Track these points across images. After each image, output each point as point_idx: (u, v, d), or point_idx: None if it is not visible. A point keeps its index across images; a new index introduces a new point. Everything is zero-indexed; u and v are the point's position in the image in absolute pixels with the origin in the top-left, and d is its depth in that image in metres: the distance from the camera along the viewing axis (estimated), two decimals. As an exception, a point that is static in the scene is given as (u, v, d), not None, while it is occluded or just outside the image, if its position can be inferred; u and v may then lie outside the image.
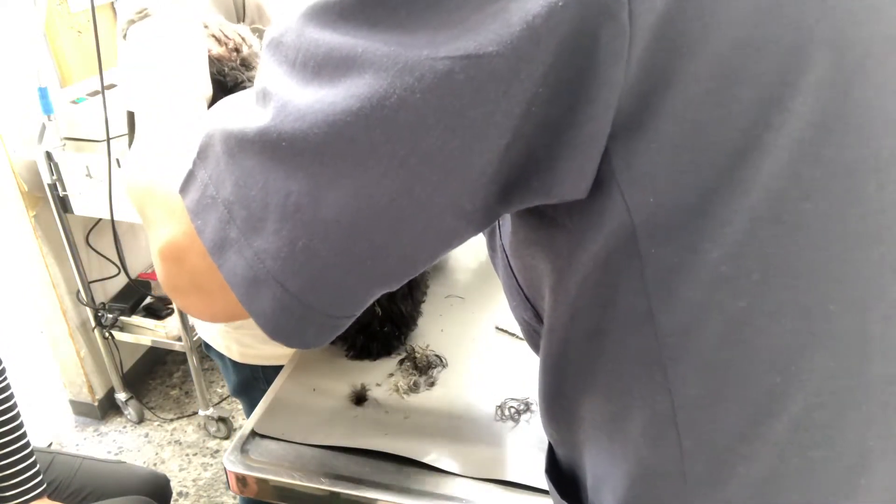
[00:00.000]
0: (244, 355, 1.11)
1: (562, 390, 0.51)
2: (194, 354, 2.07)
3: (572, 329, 0.45)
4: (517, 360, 0.95)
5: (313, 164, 0.36)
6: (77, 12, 2.01)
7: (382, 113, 0.34)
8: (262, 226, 0.37)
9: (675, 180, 0.36)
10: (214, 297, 0.43)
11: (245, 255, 0.38)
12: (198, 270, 0.42)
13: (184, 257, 0.42)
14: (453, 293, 1.13)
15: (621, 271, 0.40)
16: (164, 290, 0.46)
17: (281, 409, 0.89)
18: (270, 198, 0.37)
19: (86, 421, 2.31)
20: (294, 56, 0.36)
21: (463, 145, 0.35)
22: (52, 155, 1.83)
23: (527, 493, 0.77)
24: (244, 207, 0.37)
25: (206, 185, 0.39)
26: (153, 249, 0.45)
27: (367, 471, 0.80)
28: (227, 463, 0.82)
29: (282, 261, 0.37)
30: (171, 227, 0.43)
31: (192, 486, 2.07)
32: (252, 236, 0.38)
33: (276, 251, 0.37)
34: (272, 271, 0.37)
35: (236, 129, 0.38)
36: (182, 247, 0.42)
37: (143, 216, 0.47)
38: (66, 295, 2.13)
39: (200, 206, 0.39)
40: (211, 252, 0.39)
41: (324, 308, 0.40)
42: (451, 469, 0.79)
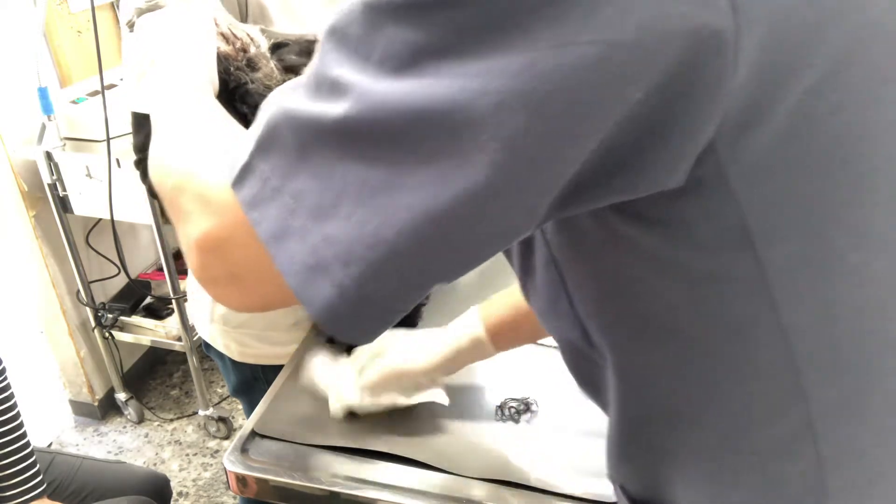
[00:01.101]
0: (244, 354, 1.11)
1: (646, 420, 0.50)
2: (194, 354, 2.07)
3: (665, 346, 0.45)
4: (517, 361, 0.95)
5: (396, 154, 0.36)
6: (77, 12, 2.01)
7: (477, 105, 0.34)
8: (332, 213, 0.37)
9: (791, 171, 0.37)
10: (252, 287, 0.44)
11: (308, 241, 0.38)
12: (238, 261, 0.43)
13: (225, 248, 0.43)
14: (454, 294, 1.13)
15: (734, 272, 0.40)
16: (198, 280, 0.47)
17: (281, 409, 0.89)
18: (346, 186, 0.37)
19: (86, 421, 2.31)
20: (368, 49, 0.36)
21: (558, 142, 0.35)
22: (52, 155, 1.83)
23: (527, 493, 0.77)
24: (315, 196, 0.38)
25: (267, 177, 0.39)
26: (187, 241, 0.45)
27: (367, 471, 0.80)
28: (227, 463, 0.82)
29: (349, 246, 0.37)
30: (209, 218, 0.43)
31: (192, 486, 2.07)
32: (320, 223, 0.38)
33: (345, 237, 0.37)
34: (337, 257, 0.38)
35: (309, 120, 0.38)
36: (223, 238, 0.43)
37: (175, 208, 0.48)
38: (66, 295, 2.13)
39: (259, 198, 0.40)
40: (267, 242, 0.39)
41: (380, 299, 0.40)
42: (452, 469, 0.79)
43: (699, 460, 0.49)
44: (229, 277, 0.44)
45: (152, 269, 2.36)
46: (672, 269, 0.42)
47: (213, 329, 1.11)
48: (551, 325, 0.56)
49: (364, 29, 0.37)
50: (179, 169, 0.48)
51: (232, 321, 1.09)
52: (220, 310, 1.09)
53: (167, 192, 0.49)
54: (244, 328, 1.09)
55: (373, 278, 0.38)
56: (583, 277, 0.49)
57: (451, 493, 0.77)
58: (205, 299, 1.10)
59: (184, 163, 0.49)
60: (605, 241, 0.44)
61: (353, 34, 0.37)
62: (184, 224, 0.46)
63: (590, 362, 0.53)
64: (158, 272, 2.27)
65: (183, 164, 0.48)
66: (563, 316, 0.52)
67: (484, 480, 0.78)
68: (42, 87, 1.76)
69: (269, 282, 0.41)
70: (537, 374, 0.93)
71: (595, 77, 0.33)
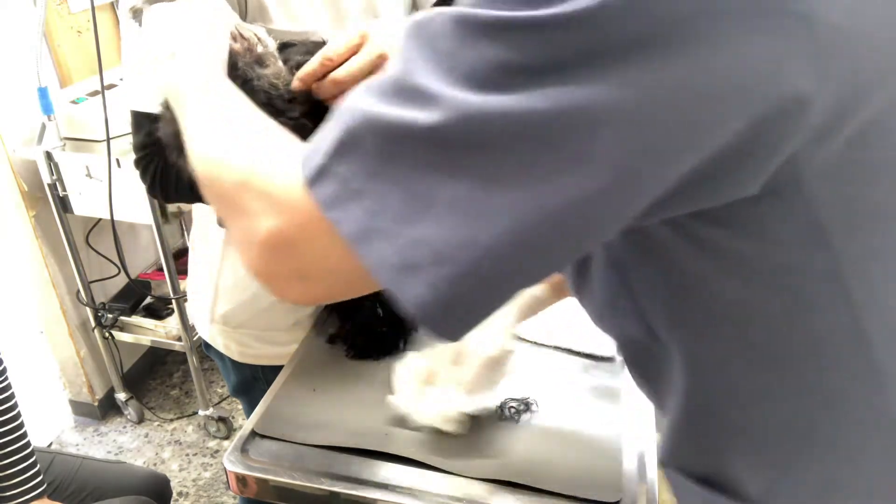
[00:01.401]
0: (244, 355, 1.11)
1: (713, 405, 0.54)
2: (194, 354, 2.07)
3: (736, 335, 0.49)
4: (517, 361, 0.95)
5: (491, 163, 0.38)
6: (77, 12, 2.01)
7: (580, 122, 0.36)
8: (421, 217, 0.39)
9: (862, 173, 0.41)
10: (319, 283, 0.45)
11: (397, 243, 0.40)
12: (308, 259, 0.44)
13: (295, 246, 0.44)
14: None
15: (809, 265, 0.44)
16: (255, 275, 0.47)
17: (281, 409, 0.89)
18: (435, 192, 0.39)
19: (86, 421, 2.31)
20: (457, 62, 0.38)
21: (659, 163, 0.38)
22: (52, 155, 1.83)
23: (527, 493, 0.77)
24: (401, 200, 0.39)
25: (347, 179, 0.41)
26: (248, 237, 0.46)
27: (367, 471, 0.80)
28: (227, 463, 0.82)
29: (441, 248, 0.39)
30: (279, 216, 0.44)
31: (192, 486, 2.07)
32: (408, 226, 0.39)
33: (436, 240, 0.39)
34: (430, 259, 0.39)
35: (394, 126, 0.39)
36: (294, 236, 0.44)
37: (233, 205, 0.48)
38: (66, 295, 2.13)
39: (339, 198, 0.41)
40: (352, 242, 0.41)
41: (471, 299, 0.41)
42: (452, 469, 0.79)
43: (765, 440, 0.53)
44: (295, 274, 0.46)
45: (152, 269, 2.36)
46: (745, 265, 0.46)
47: (214, 329, 1.11)
48: (609, 323, 0.59)
49: (454, 42, 0.38)
50: (240, 165, 0.48)
51: (232, 321, 1.09)
52: (220, 310, 1.09)
53: (224, 187, 0.49)
54: (244, 328, 1.09)
55: (464, 279, 0.40)
56: (650, 277, 0.52)
57: (451, 493, 0.77)
58: (205, 299, 1.10)
59: (243, 159, 0.49)
60: (677, 242, 0.47)
61: (442, 46, 0.39)
62: (244, 220, 0.47)
63: (652, 356, 0.56)
64: (158, 272, 2.27)
65: (242, 161, 0.49)
66: (625, 314, 0.55)
67: (484, 480, 0.78)
68: (42, 87, 1.76)
69: (339, 278, 0.44)
70: (537, 374, 0.93)
71: (704, 108, 0.36)
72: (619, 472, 0.79)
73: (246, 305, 1.07)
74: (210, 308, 1.09)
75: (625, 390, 0.91)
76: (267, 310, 1.07)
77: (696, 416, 0.56)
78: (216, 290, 1.08)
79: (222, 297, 1.08)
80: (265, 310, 1.07)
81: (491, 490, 0.77)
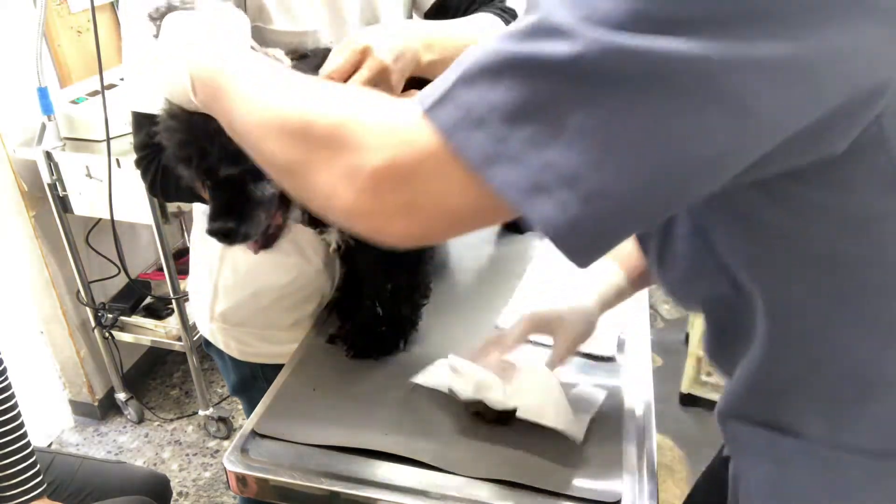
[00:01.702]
0: (243, 353, 1.11)
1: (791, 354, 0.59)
2: (194, 354, 2.07)
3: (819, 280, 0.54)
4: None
5: (625, 94, 0.40)
6: (77, 12, 2.01)
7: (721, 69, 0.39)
8: (552, 142, 0.42)
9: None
10: (425, 216, 0.47)
11: (527, 166, 0.42)
12: (422, 189, 0.45)
13: (410, 176, 0.45)
14: (454, 295, 1.13)
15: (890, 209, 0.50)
16: (353, 216, 0.48)
17: (281, 409, 0.89)
18: (569, 119, 0.41)
19: (86, 421, 2.31)
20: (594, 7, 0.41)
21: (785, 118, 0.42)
22: (52, 155, 1.83)
23: (527, 493, 0.77)
24: (530, 125, 0.42)
25: (470, 106, 0.43)
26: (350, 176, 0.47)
27: (367, 471, 0.80)
28: (227, 463, 0.82)
29: (573, 171, 0.41)
30: (391, 148, 0.45)
31: (192, 486, 2.07)
32: (539, 151, 0.42)
33: (568, 163, 0.41)
34: (560, 181, 0.42)
35: (525, 57, 0.42)
36: (409, 165, 0.45)
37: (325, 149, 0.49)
38: (66, 295, 2.13)
39: (463, 125, 0.43)
40: (478, 166, 0.43)
41: (601, 221, 0.44)
42: (452, 469, 0.79)
43: (833, 380, 0.58)
44: (403, 209, 0.47)
45: (152, 269, 2.36)
46: (828, 216, 0.51)
47: (214, 327, 1.11)
48: (693, 287, 0.64)
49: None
50: (337, 109, 0.49)
51: (231, 320, 1.09)
52: (220, 308, 1.09)
53: (314, 133, 0.50)
54: (244, 327, 1.09)
55: (594, 200, 0.42)
56: (735, 236, 0.56)
57: (451, 493, 0.77)
58: (205, 298, 1.10)
59: (340, 104, 0.50)
60: (763, 201, 0.52)
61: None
62: (343, 159, 0.47)
63: (735, 311, 0.61)
64: (158, 272, 2.27)
65: (339, 105, 0.50)
66: (710, 274, 0.60)
67: (484, 480, 0.78)
68: (42, 87, 1.76)
69: (451, 208, 0.45)
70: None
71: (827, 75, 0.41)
72: (620, 472, 0.79)
73: (245, 304, 1.07)
74: (210, 307, 1.10)
75: (625, 390, 0.91)
76: (266, 309, 1.07)
77: (772, 364, 0.61)
78: (215, 289, 1.08)
79: (222, 296, 1.08)
80: (264, 309, 1.07)
81: (491, 490, 0.77)
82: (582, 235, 0.44)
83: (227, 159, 0.71)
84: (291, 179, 0.53)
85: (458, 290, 1.14)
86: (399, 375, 0.93)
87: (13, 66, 1.84)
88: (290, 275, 1.05)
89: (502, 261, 1.22)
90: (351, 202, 0.48)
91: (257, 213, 0.75)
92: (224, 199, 0.73)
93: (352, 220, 0.49)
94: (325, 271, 1.08)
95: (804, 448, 0.62)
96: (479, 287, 1.15)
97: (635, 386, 0.92)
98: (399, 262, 0.97)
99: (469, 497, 0.77)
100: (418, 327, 1.02)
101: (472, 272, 1.19)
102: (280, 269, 1.05)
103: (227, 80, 0.59)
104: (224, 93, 0.59)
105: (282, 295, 1.06)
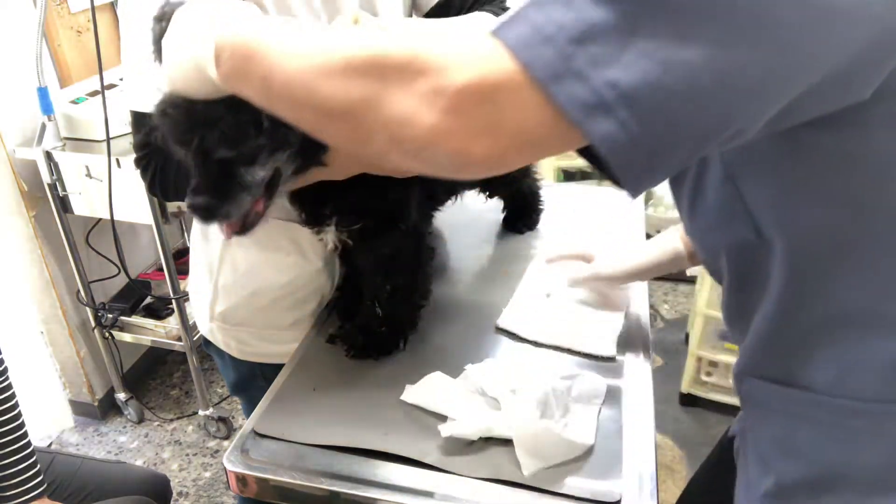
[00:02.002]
0: (243, 353, 1.12)
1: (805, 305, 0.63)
2: (194, 354, 2.07)
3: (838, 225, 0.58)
4: (517, 360, 0.95)
5: (685, 18, 0.43)
6: (77, 12, 2.01)
7: None
8: (613, 61, 0.44)
9: None
10: (506, 136, 0.47)
11: (590, 84, 0.44)
12: (502, 107, 0.46)
13: (492, 94, 0.46)
14: (454, 295, 1.13)
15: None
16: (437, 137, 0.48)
17: (281, 408, 0.89)
18: (628, 41, 0.44)
19: (86, 421, 2.31)
20: None
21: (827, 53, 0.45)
22: (52, 155, 1.83)
23: (528, 493, 0.77)
24: (598, 44, 0.44)
25: (539, 26, 0.45)
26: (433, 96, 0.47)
27: (367, 471, 0.80)
28: (227, 463, 0.82)
29: (632, 91, 0.44)
30: (473, 67, 0.47)
31: (192, 486, 2.07)
32: (603, 68, 0.44)
33: (628, 82, 0.43)
34: (623, 99, 0.44)
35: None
36: (491, 82, 0.46)
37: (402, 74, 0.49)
38: (66, 295, 2.13)
39: (531, 42, 0.45)
40: (545, 81, 0.45)
41: (658, 142, 0.46)
42: (452, 469, 0.79)
43: (843, 330, 0.62)
44: (485, 128, 0.47)
45: (152, 269, 2.36)
46: (849, 163, 0.54)
47: (213, 327, 1.11)
48: (720, 234, 0.68)
49: None
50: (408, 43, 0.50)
51: (231, 319, 1.09)
52: (220, 308, 1.09)
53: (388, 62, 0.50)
54: (244, 326, 1.09)
55: (652, 119, 0.44)
56: (762, 182, 0.60)
57: (451, 493, 0.77)
58: (205, 298, 1.10)
59: (410, 39, 0.50)
60: (787, 149, 0.56)
61: None
62: (423, 82, 0.48)
63: (756, 258, 0.65)
64: (158, 272, 2.27)
65: (409, 40, 0.50)
66: (737, 220, 0.64)
67: (484, 480, 0.78)
68: (42, 87, 1.76)
69: (528, 128, 0.47)
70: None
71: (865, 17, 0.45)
72: (619, 472, 0.79)
73: (245, 304, 1.07)
74: (209, 306, 1.10)
75: (625, 390, 0.91)
76: (266, 308, 1.07)
77: (785, 315, 0.65)
78: (215, 289, 1.08)
79: (221, 296, 1.08)
80: (264, 308, 1.07)
81: (491, 490, 0.77)
82: (638, 156, 0.46)
83: (225, 144, 0.71)
84: (354, 118, 0.52)
85: (458, 290, 1.14)
86: (399, 375, 0.93)
87: (13, 66, 1.84)
88: (290, 274, 1.05)
89: (502, 261, 1.22)
90: (433, 123, 0.48)
91: (242, 195, 0.75)
92: (211, 177, 0.73)
93: (433, 143, 0.49)
94: (325, 271, 1.08)
95: (813, 400, 0.66)
96: (479, 287, 1.15)
97: (635, 386, 0.92)
98: (398, 262, 0.97)
99: (469, 497, 0.77)
100: (418, 327, 1.02)
101: (472, 272, 1.19)
102: (280, 268, 1.05)
103: (264, 41, 0.58)
104: (261, 55, 0.57)
105: (281, 294, 1.06)
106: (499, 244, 1.28)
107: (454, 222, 1.30)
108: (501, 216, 1.33)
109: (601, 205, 1.39)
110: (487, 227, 1.32)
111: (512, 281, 1.14)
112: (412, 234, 0.96)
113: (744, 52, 0.44)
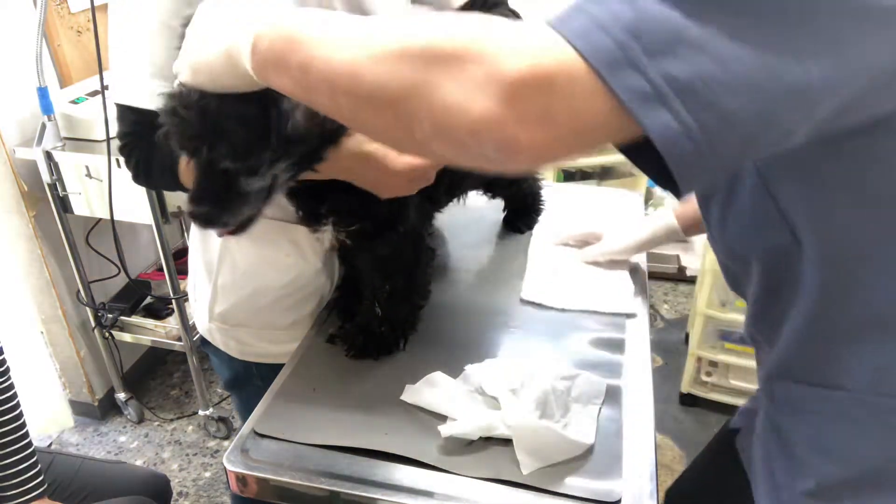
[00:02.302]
0: (243, 353, 1.12)
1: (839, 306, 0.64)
2: (194, 354, 2.07)
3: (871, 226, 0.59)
4: (515, 359, 0.95)
5: (742, 18, 0.44)
6: (77, 12, 2.01)
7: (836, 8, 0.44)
8: (669, 53, 0.44)
9: None
10: (561, 126, 0.47)
11: (646, 74, 0.44)
12: (559, 95, 0.46)
13: (548, 83, 0.46)
14: (454, 296, 1.13)
15: None
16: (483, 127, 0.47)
17: (281, 408, 0.89)
18: (685, 33, 0.44)
19: (86, 421, 2.31)
20: None
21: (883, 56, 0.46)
22: (52, 155, 1.83)
23: (528, 493, 0.77)
24: (651, 35, 0.44)
25: (596, 16, 0.46)
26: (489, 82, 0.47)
27: (367, 471, 0.80)
28: (227, 463, 0.82)
29: (686, 84, 0.44)
30: (531, 54, 0.46)
31: (192, 486, 2.07)
32: (656, 61, 0.44)
33: (684, 75, 0.44)
34: (678, 91, 0.44)
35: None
36: (548, 72, 0.46)
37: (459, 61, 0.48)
38: (66, 295, 2.13)
39: (588, 32, 0.45)
40: (603, 69, 0.45)
41: (712, 136, 0.46)
42: (452, 469, 0.79)
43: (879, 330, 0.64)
44: (540, 116, 0.47)
45: (152, 269, 2.36)
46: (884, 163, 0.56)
47: (213, 327, 1.11)
48: (753, 239, 0.69)
49: None
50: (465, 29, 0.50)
51: (230, 320, 1.09)
52: (219, 308, 1.09)
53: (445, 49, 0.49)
54: (243, 326, 1.09)
55: (706, 113, 0.45)
56: (799, 185, 0.62)
57: (451, 493, 0.77)
58: (204, 298, 1.10)
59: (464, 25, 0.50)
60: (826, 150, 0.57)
61: None
62: (480, 69, 0.47)
63: (790, 261, 0.66)
64: (158, 272, 2.27)
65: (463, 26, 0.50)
66: (771, 224, 0.65)
67: (484, 480, 0.78)
68: (42, 87, 1.76)
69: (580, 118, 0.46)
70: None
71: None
72: (619, 472, 0.79)
73: (244, 304, 1.07)
74: (209, 306, 1.10)
75: (625, 390, 0.91)
76: (265, 308, 1.07)
77: (822, 318, 0.66)
78: (215, 289, 1.08)
79: (220, 296, 1.08)
80: (263, 308, 1.07)
81: (491, 490, 0.78)
82: (691, 149, 0.46)
83: (232, 156, 0.71)
84: (400, 105, 0.51)
85: (458, 290, 1.14)
86: (399, 375, 0.93)
87: (13, 66, 1.84)
88: (289, 275, 1.05)
89: (502, 261, 1.22)
90: (486, 111, 0.47)
91: (242, 207, 0.76)
92: (213, 186, 0.74)
93: (482, 131, 0.48)
94: (324, 271, 1.08)
95: (852, 400, 0.67)
96: (479, 287, 1.15)
97: (635, 386, 0.92)
98: (397, 263, 0.97)
99: (469, 497, 0.77)
100: (418, 327, 1.02)
101: (472, 272, 1.19)
102: (279, 268, 1.05)
103: (306, 30, 0.57)
104: (302, 43, 0.57)
105: (281, 295, 1.06)
106: (499, 244, 1.28)
107: (454, 222, 1.31)
108: (501, 216, 1.33)
109: (601, 205, 1.39)
110: (487, 227, 1.32)
111: (512, 281, 1.14)
112: (411, 235, 0.96)
113: (800, 52, 0.44)
